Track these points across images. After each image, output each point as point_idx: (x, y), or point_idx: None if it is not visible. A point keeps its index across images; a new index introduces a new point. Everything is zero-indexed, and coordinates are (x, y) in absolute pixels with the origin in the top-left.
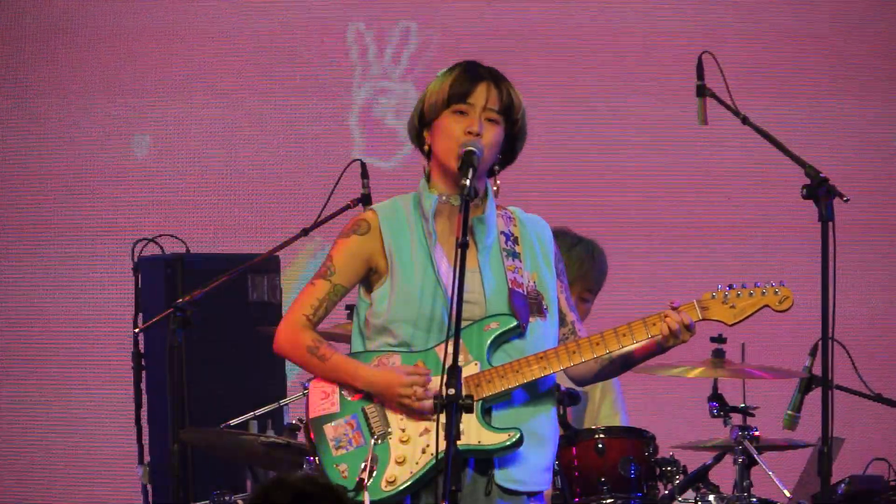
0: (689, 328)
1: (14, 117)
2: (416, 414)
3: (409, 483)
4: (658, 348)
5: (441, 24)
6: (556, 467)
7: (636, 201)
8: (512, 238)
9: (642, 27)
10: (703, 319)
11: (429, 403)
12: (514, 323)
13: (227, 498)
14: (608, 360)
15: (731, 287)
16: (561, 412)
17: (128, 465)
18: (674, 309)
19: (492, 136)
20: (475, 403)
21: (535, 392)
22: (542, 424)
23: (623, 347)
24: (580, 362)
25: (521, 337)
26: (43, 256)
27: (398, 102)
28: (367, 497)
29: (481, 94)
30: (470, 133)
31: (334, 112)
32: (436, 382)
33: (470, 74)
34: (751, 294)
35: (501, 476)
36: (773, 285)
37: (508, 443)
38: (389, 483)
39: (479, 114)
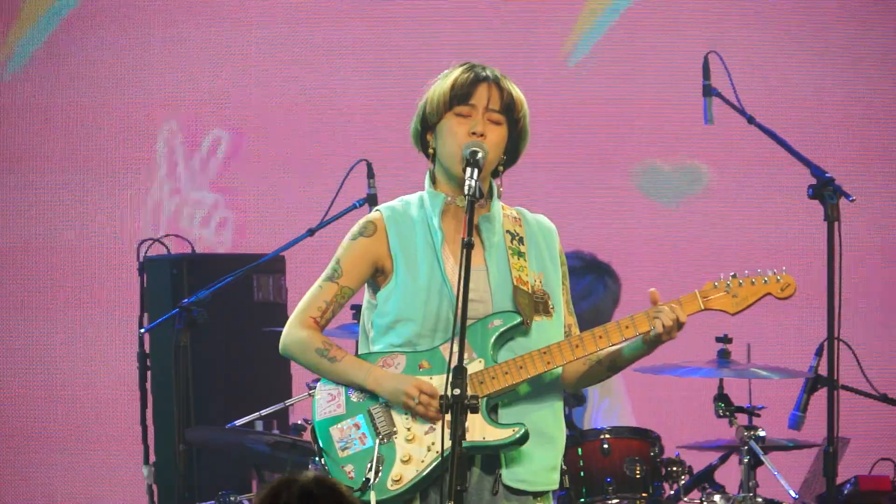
0: (679, 326)
1: (21, 115)
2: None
3: (415, 481)
4: (646, 346)
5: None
6: (563, 467)
7: (640, 202)
8: (517, 237)
9: (648, 26)
10: (706, 309)
11: (433, 412)
12: (518, 319)
13: (232, 498)
14: (595, 360)
15: (733, 276)
16: (566, 413)
17: (133, 465)
18: (655, 314)
19: (495, 136)
20: (480, 401)
21: (542, 390)
22: (548, 423)
23: (626, 339)
24: (584, 356)
25: (525, 335)
26: (48, 255)
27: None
28: (373, 497)
29: (483, 95)
30: (473, 134)
31: (338, 112)
32: (440, 384)
33: (471, 75)
34: (752, 282)
35: (508, 475)
36: (774, 273)
37: (513, 438)
38: (395, 482)
39: (481, 115)
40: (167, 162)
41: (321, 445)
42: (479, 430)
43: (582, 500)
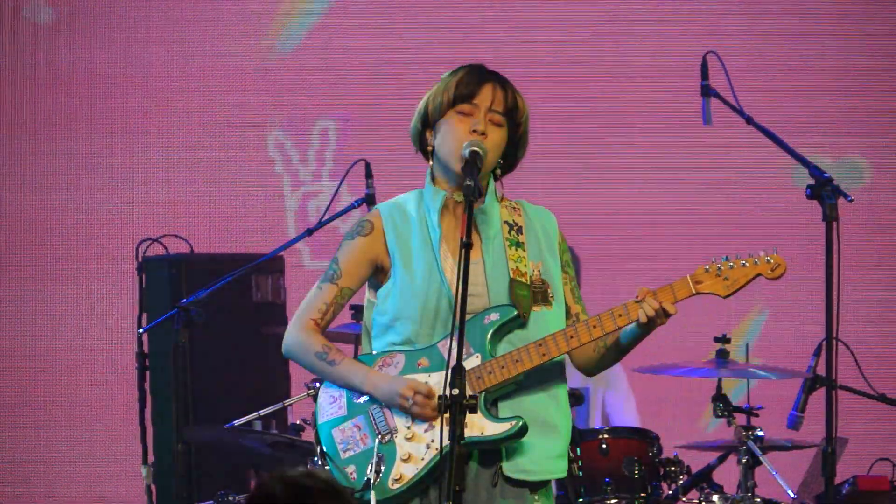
0: (666, 313)
1: (17, 115)
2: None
3: (415, 480)
4: (641, 331)
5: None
6: (571, 455)
7: (639, 202)
8: (515, 228)
9: (647, 26)
10: (698, 293)
11: (430, 411)
12: (514, 313)
13: (231, 498)
14: (603, 346)
15: (724, 259)
16: None
17: (132, 465)
18: (639, 301)
19: (496, 137)
20: (479, 396)
21: (542, 379)
22: (549, 411)
23: (619, 328)
24: (578, 346)
25: (523, 327)
26: (47, 255)
27: None
28: (373, 497)
29: (487, 95)
30: (475, 132)
31: (338, 111)
32: (439, 381)
33: (476, 75)
34: (743, 264)
35: (509, 467)
36: (764, 253)
37: (511, 431)
38: (396, 481)
39: (483, 114)
40: (168, 160)
41: (324, 449)
42: (477, 425)
43: (580, 500)
